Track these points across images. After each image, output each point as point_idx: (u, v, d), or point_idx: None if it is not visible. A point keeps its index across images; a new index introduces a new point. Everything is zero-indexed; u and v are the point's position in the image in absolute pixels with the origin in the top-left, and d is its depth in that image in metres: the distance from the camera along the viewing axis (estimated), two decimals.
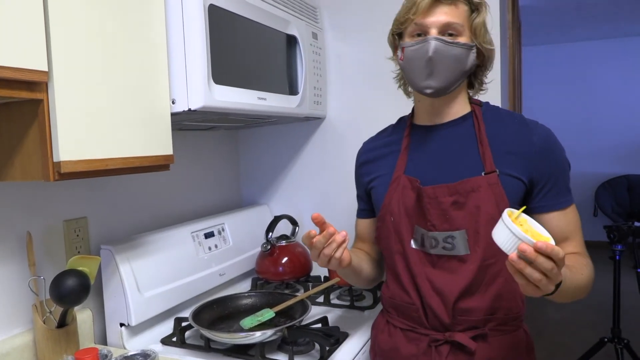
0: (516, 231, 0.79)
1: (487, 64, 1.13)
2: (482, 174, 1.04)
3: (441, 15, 1.03)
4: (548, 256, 0.76)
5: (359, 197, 1.30)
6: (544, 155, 1.05)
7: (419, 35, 1.06)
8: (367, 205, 1.27)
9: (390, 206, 1.14)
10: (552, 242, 0.81)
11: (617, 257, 2.79)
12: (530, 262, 0.77)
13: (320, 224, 0.98)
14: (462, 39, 1.05)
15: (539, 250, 0.76)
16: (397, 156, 1.17)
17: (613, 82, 6.08)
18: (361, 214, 1.30)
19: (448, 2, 1.04)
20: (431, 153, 1.12)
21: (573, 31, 5.60)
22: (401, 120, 1.26)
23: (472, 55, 1.07)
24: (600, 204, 5.83)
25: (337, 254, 0.99)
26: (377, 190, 1.19)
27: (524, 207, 0.88)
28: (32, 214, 1.24)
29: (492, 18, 1.57)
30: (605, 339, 2.83)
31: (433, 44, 1.02)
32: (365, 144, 1.29)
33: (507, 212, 0.84)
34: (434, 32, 1.03)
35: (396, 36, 1.13)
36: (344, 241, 1.00)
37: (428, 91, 1.06)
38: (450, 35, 1.04)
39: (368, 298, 1.64)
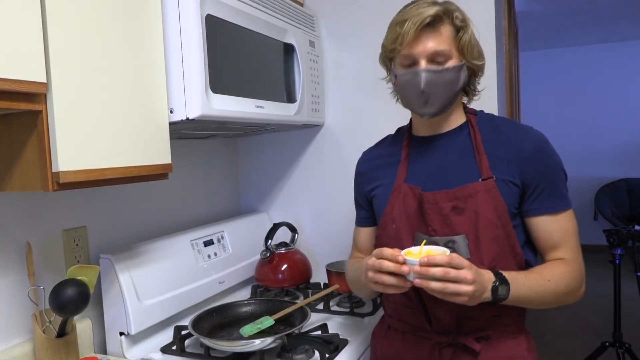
0: (408, 260, 0.93)
1: (478, 73, 1.15)
2: (480, 180, 1.06)
3: (428, 43, 1.03)
4: (435, 264, 0.90)
5: (359, 205, 1.30)
6: (534, 158, 1.06)
7: (409, 65, 1.07)
8: (369, 213, 1.27)
9: (392, 214, 1.16)
10: (447, 253, 0.93)
11: (617, 261, 2.79)
12: (430, 278, 0.90)
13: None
14: (452, 62, 1.05)
15: (423, 264, 0.91)
16: (397, 166, 1.19)
17: (611, 86, 6.09)
18: (362, 222, 1.30)
19: (432, 29, 1.04)
20: (430, 162, 1.14)
21: (570, 35, 5.63)
22: (400, 130, 1.27)
23: (464, 74, 1.09)
24: (600, 208, 5.83)
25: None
26: (379, 199, 1.20)
27: (424, 241, 1.01)
28: (31, 224, 1.25)
29: (487, 25, 1.59)
30: (607, 343, 2.83)
31: (424, 76, 1.04)
32: (365, 153, 1.31)
33: (405, 252, 0.96)
34: (423, 62, 1.04)
35: (387, 60, 1.14)
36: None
37: (425, 117, 1.10)
38: (439, 62, 1.04)
39: (368, 305, 1.64)
